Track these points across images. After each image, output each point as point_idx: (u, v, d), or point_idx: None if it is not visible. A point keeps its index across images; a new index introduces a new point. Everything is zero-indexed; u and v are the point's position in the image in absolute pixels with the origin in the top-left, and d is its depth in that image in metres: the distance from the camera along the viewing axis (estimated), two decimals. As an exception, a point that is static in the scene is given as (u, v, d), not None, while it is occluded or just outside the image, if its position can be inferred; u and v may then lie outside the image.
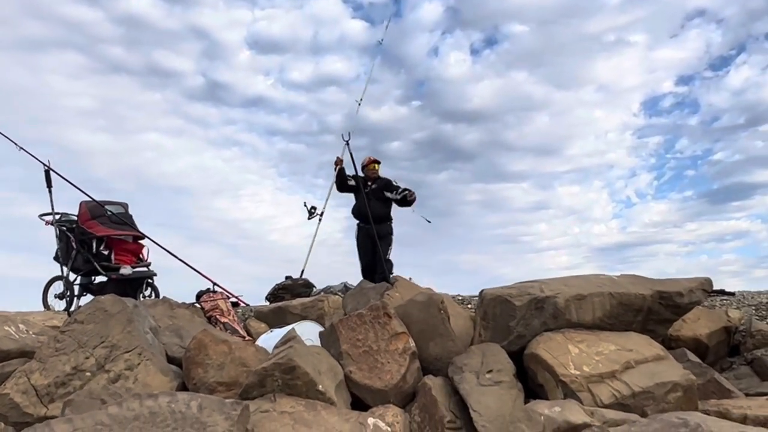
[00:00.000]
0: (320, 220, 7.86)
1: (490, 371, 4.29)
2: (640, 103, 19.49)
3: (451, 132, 20.38)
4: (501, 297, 4.70)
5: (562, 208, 21.33)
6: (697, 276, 5.22)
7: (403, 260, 7.60)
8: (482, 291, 4.96)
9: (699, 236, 19.31)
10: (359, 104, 8.34)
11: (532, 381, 4.38)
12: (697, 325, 5.42)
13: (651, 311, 4.81)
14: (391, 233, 7.51)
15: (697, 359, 4.83)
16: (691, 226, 19.46)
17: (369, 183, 7.55)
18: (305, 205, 7.70)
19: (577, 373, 4.08)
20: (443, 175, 20.87)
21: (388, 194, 7.47)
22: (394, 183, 7.62)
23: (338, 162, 7.60)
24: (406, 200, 7.38)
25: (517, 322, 4.60)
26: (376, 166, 7.70)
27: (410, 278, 6.24)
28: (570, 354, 4.25)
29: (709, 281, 5.15)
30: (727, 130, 18.24)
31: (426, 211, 7.63)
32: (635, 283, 4.94)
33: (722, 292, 6.43)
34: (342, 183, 7.59)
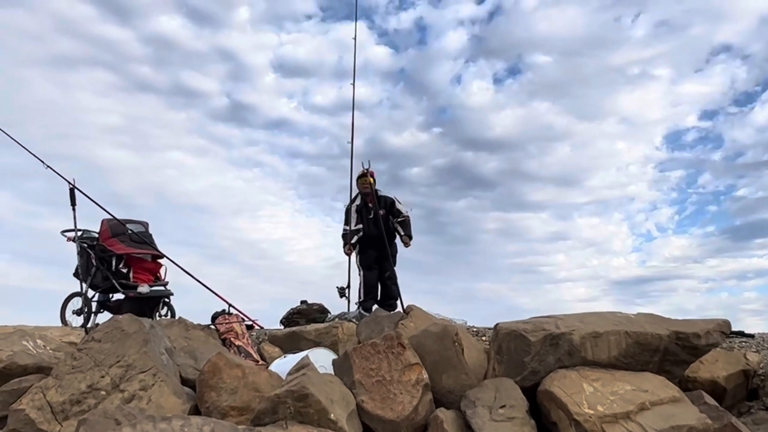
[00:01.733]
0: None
1: (503, 406, 4.27)
2: (663, 136, 19.36)
3: (471, 160, 20.42)
4: (516, 332, 4.69)
5: (581, 240, 21.15)
6: (716, 315, 5.16)
7: (419, 287, 7.68)
8: (497, 325, 4.95)
9: (720, 273, 18.99)
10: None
11: (546, 418, 4.33)
12: (714, 367, 5.34)
13: (668, 352, 4.75)
14: (396, 251, 7.65)
15: (714, 402, 4.74)
16: (712, 262, 19.15)
17: (370, 206, 7.58)
18: (337, 288, 7.66)
19: (591, 412, 4.03)
20: (462, 203, 20.86)
21: (393, 220, 7.61)
22: (396, 206, 7.69)
23: (348, 253, 7.65)
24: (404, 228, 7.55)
25: (532, 357, 4.57)
26: (370, 179, 7.56)
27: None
28: (584, 392, 4.21)
29: (727, 323, 5.09)
30: (750, 167, 18.05)
31: (444, 238, 7.68)
32: (652, 322, 4.89)
33: (741, 334, 6.33)
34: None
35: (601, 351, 4.58)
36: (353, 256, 7.67)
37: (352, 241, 7.56)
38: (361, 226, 7.59)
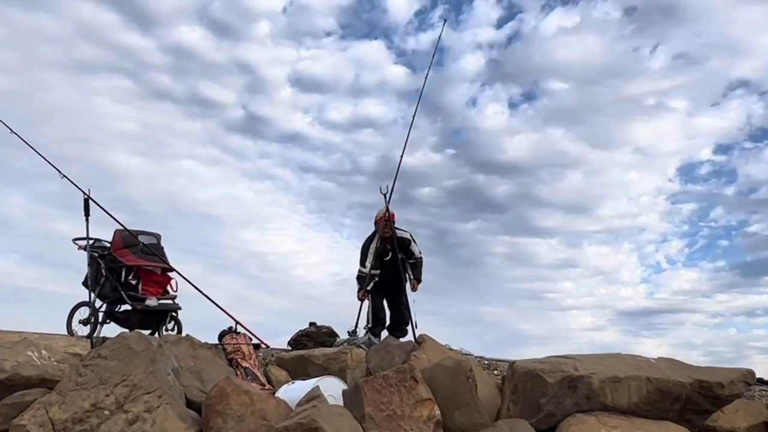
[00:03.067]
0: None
1: (517, 450, 4.12)
2: (677, 168, 19.21)
3: (482, 182, 20.33)
4: (533, 372, 4.54)
5: (590, 268, 20.93)
6: (723, 351, 5.05)
7: (423, 308, 7.46)
8: (514, 363, 4.81)
9: (729, 308, 18.71)
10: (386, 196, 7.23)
11: (561, 465, 4.19)
12: (735, 417, 5.15)
13: (689, 400, 4.59)
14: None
15: (735, 455, 4.59)
16: (722, 297, 18.87)
17: (388, 247, 7.44)
18: (348, 333, 7.34)
19: (610, 462, 3.88)
20: (471, 225, 20.73)
21: (408, 261, 7.49)
22: (411, 246, 7.55)
23: (362, 299, 7.50)
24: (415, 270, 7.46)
25: (549, 399, 4.43)
26: (390, 225, 7.31)
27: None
28: (603, 440, 4.06)
29: (751, 373, 4.92)
30: (764, 203, 17.85)
31: (451, 260, 7.58)
32: (674, 368, 4.74)
33: (762, 382, 6.14)
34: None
35: (620, 396, 4.43)
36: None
37: (368, 288, 7.39)
38: (378, 271, 7.42)
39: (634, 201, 20.24)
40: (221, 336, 6.33)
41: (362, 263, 7.44)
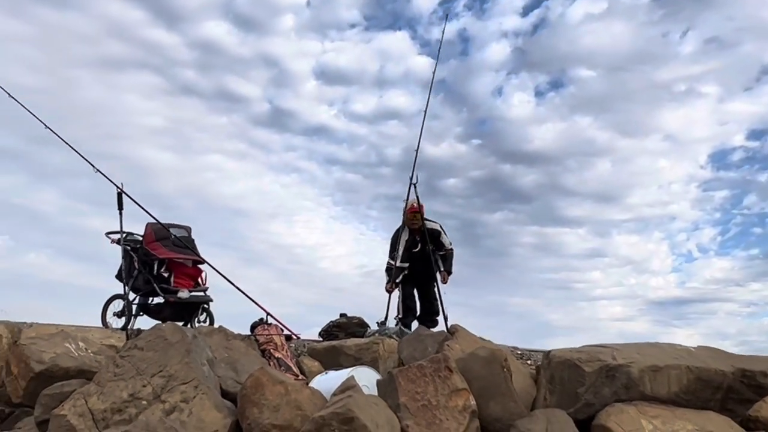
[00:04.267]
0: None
1: (555, 440, 4.06)
2: (708, 155, 18.77)
3: (509, 172, 20.10)
4: (570, 361, 4.48)
5: (619, 258, 20.60)
6: (757, 341, 4.92)
7: (451, 299, 7.40)
8: (550, 352, 4.74)
9: (763, 297, 18.26)
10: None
11: (600, 455, 4.12)
12: (778, 407, 5.02)
13: (731, 390, 4.48)
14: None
15: (779, 445, 4.47)
16: (755, 286, 18.43)
17: (417, 238, 7.39)
18: (377, 323, 7.22)
19: (652, 452, 3.81)
20: (498, 215, 20.53)
21: (436, 252, 7.39)
22: (442, 237, 7.48)
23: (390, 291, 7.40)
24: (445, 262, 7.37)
25: (586, 389, 4.36)
26: (418, 216, 7.29)
27: None
28: (644, 430, 3.99)
29: (795, 362, 4.78)
30: (799, 189, 17.43)
31: (478, 251, 7.53)
32: (715, 357, 4.63)
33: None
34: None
35: (660, 386, 4.34)
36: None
37: (397, 280, 7.33)
38: (407, 264, 7.36)
39: (665, 189, 19.84)
40: (253, 327, 6.35)
41: (391, 255, 7.40)
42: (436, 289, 7.22)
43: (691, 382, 4.39)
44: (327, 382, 4.75)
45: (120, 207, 6.47)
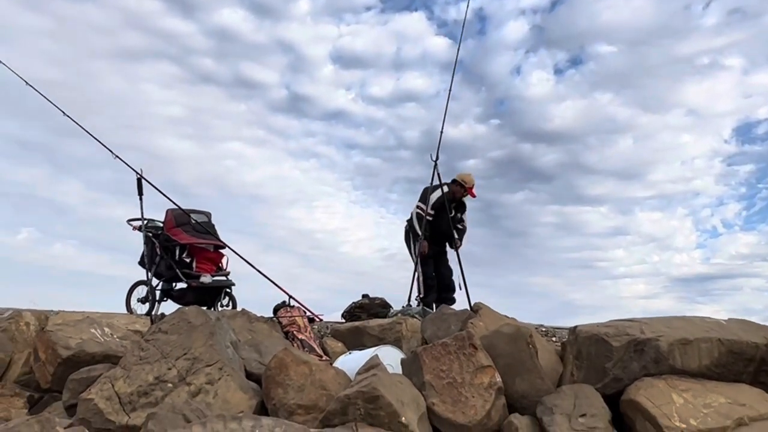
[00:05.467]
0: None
1: (583, 415, 4.00)
2: (732, 129, 18.36)
3: (529, 152, 19.89)
4: (597, 336, 4.40)
5: (642, 235, 20.36)
6: None
7: (472, 279, 7.43)
8: (576, 328, 4.67)
9: (790, 272, 17.97)
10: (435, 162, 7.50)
11: (630, 430, 4.05)
12: (813, 379, 4.91)
13: (764, 362, 4.37)
14: None
15: (814, 418, 4.36)
16: (783, 261, 18.13)
17: (453, 204, 7.39)
18: (402, 306, 7.25)
19: (683, 426, 3.72)
20: (519, 195, 20.38)
21: (457, 225, 7.58)
22: (466, 213, 7.73)
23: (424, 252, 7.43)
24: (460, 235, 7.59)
25: (614, 364, 4.28)
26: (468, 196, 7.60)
27: None
28: (674, 404, 3.90)
29: (830, 332, 4.65)
30: (826, 160, 17.00)
31: (499, 231, 7.64)
32: (746, 329, 4.52)
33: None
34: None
35: (691, 359, 4.25)
36: (413, 244, 7.48)
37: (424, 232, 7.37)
38: (433, 212, 7.42)
39: (688, 165, 19.52)
40: (276, 310, 6.38)
41: (423, 202, 7.42)
42: (448, 265, 7.28)
43: (722, 355, 4.29)
44: (351, 362, 4.74)
45: (140, 193, 6.51)
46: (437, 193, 7.41)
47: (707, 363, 4.27)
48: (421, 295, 7.34)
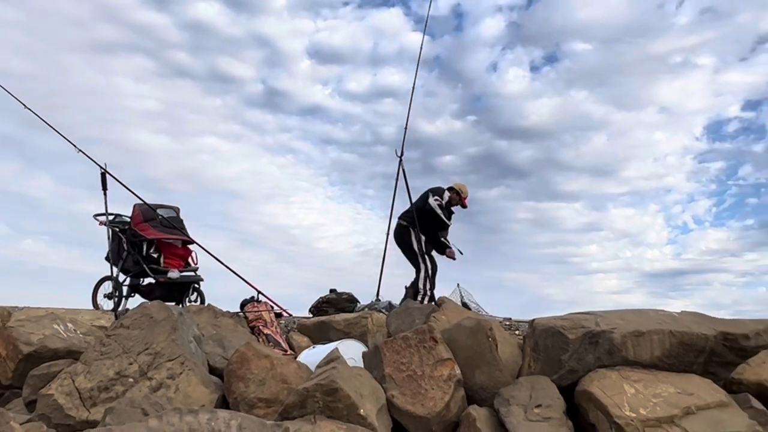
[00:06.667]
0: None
1: (538, 406, 4.10)
2: (704, 126, 18.70)
3: (505, 148, 20.02)
4: (553, 328, 4.50)
5: (615, 231, 20.67)
6: (753, 311, 4.93)
7: (447, 275, 7.49)
8: (533, 321, 4.77)
9: (758, 267, 18.33)
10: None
11: (583, 420, 4.16)
12: (762, 369, 5.01)
13: (714, 353, 4.52)
14: None
15: (761, 407, 4.48)
16: (751, 256, 18.51)
17: (452, 210, 7.59)
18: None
19: (633, 415, 3.84)
20: (494, 191, 20.50)
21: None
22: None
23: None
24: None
25: (570, 356, 4.39)
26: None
27: None
28: (626, 394, 4.02)
29: (778, 324, 4.81)
30: (795, 158, 17.42)
31: (474, 227, 7.70)
32: (698, 321, 4.66)
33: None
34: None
35: (643, 351, 4.37)
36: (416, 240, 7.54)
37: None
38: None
39: (660, 161, 19.83)
40: (243, 305, 6.39)
41: (438, 195, 7.52)
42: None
43: (673, 346, 4.42)
44: (314, 356, 4.79)
45: (104, 188, 6.43)
46: (447, 195, 7.52)
47: (659, 354, 4.40)
48: (429, 289, 7.33)
